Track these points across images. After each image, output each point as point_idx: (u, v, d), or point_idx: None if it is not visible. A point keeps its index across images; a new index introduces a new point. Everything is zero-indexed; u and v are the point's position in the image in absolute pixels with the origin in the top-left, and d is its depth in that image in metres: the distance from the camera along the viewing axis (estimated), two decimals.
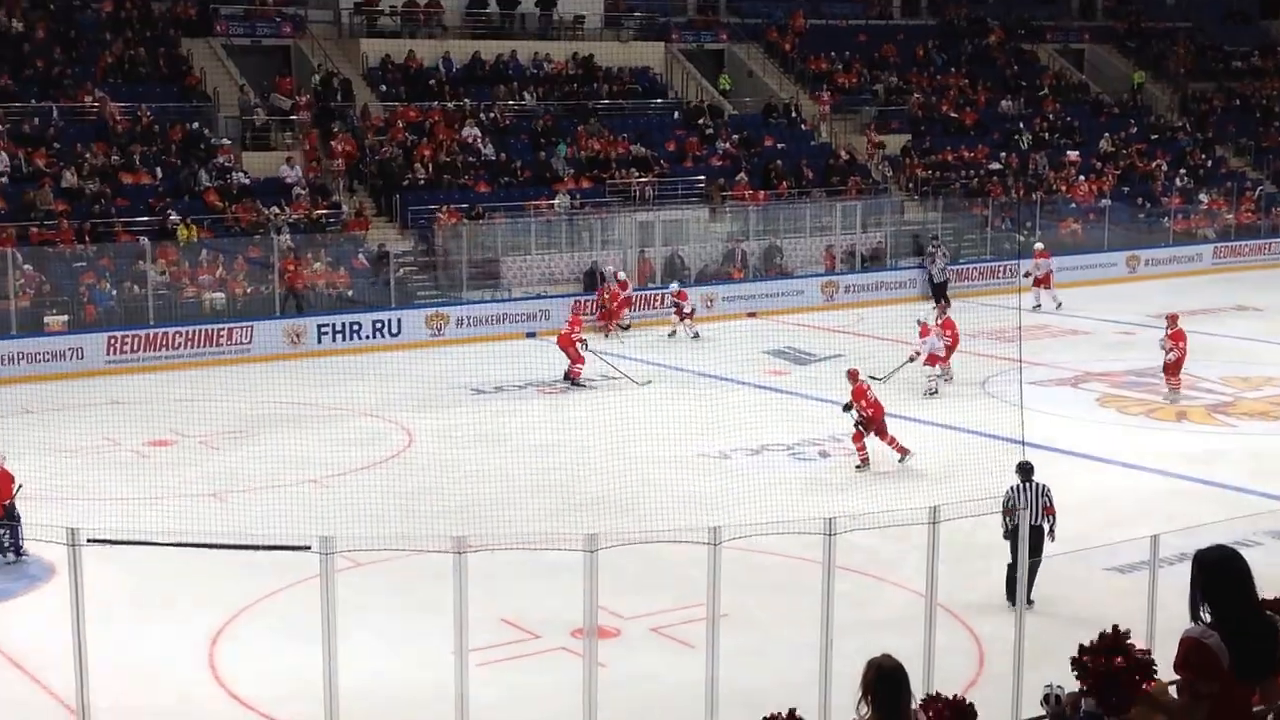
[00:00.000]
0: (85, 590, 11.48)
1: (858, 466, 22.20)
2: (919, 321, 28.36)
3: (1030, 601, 14.96)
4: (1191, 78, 56.70)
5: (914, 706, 7.24)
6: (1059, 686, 10.46)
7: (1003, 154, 47.50)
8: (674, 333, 33.91)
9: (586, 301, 35.01)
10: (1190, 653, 6.13)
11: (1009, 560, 15.81)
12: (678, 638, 15.24)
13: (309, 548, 11.54)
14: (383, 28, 43.57)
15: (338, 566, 11.72)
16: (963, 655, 14.94)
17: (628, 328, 34.44)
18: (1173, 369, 26.78)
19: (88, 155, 34.69)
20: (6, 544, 17.96)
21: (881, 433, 22.37)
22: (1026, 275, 36.56)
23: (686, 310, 33.98)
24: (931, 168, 45.64)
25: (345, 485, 21.24)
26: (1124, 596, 15.65)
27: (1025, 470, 16.73)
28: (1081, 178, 47.40)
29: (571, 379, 28.66)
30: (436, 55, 42.93)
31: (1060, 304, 36.80)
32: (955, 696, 7.37)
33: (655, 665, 14.87)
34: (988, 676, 14.36)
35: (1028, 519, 14.98)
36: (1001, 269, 40.71)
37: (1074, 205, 45.79)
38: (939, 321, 28.07)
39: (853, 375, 22.79)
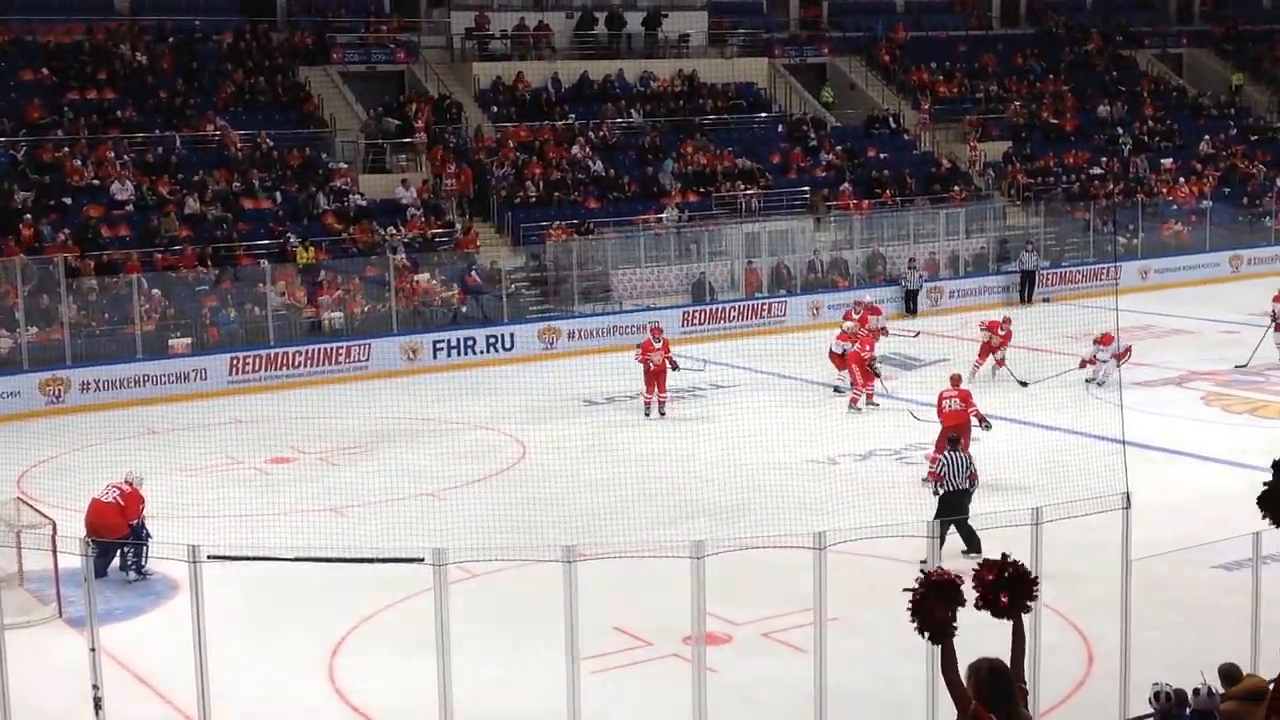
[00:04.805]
0: (207, 605, 11.62)
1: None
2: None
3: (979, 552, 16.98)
4: None
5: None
6: (1167, 684, 10.58)
7: (1103, 158, 47.38)
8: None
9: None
10: None
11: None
12: (788, 642, 15.37)
13: (422, 560, 11.73)
14: (493, 51, 44.27)
15: (452, 578, 11.86)
16: (1071, 655, 15.01)
17: None
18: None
19: (209, 182, 35.52)
20: (129, 563, 18.30)
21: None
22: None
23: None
24: (1033, 174, 45.64)
25: (461, 498, 21.48)
26: (1230, 593, 15.73)
27: (953, 443, 18.86)
28: (1182, 180, 47.10)
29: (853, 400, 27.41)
30: (546, 76, 43.59)
31: None
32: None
33: (766, 670, 15.02)
34: (1096, 675, 14.48)
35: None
36: (1103, 271, 40.63)
37: (1175, 207, 45.52)
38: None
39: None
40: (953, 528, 17.55)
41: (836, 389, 28.61)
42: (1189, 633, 15.62)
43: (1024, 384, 28.07)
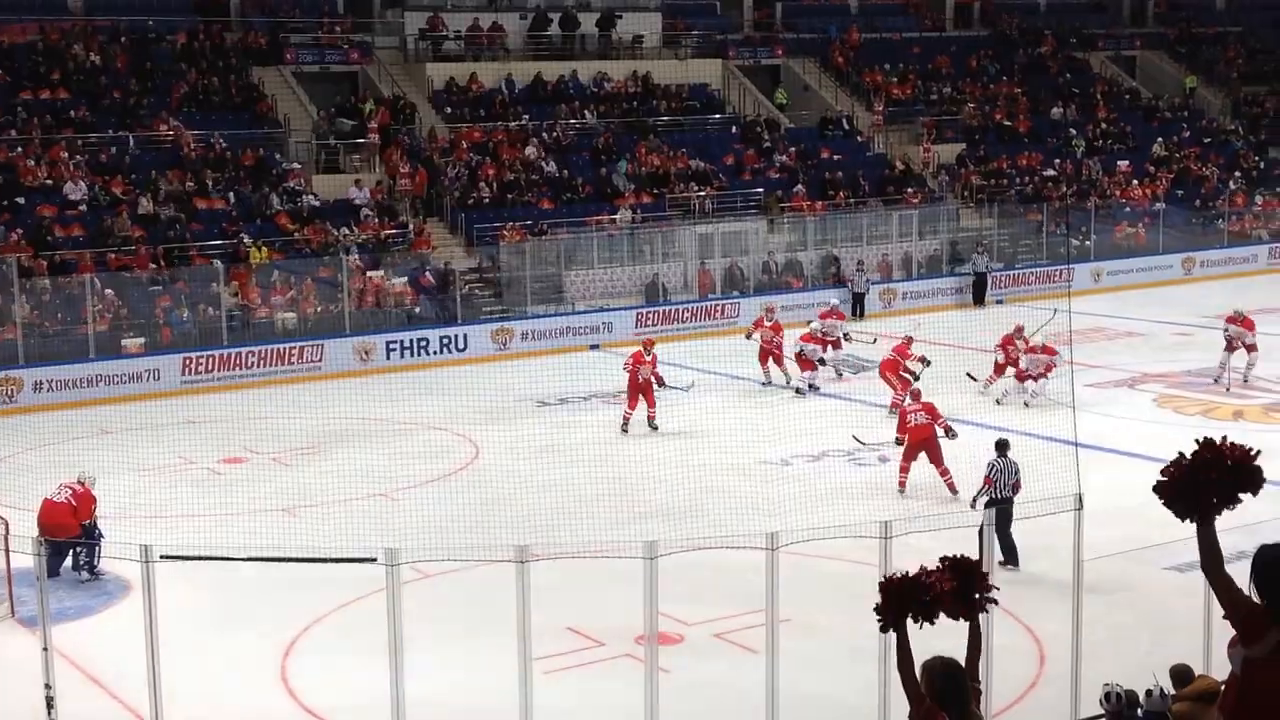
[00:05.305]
0: (160, 605, 11.59)
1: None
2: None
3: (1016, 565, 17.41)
4: (1243, 81, 56.79)
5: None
6: (1118, 685, 10.65)
7: (1057, 160, 47.67)
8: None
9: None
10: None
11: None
12: (740, 643, 15.40)
13: (375, 560, 11.74)
14: (447, 52, 44.19)
15: (405, 578, 11.85)
16: (1023, 655, 15.07)
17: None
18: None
19: (163, 182, 35.34)
20: (82, 563, 18.23)
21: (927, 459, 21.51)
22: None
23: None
24: (987, 176, 45.87)
25: (414, 498, 21.46)
26: (1183, 595, 15.85)
27: (1002, 446, 18.48)
28: (1135, 182, 47.44)
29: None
30: (499, 77, 43.55)
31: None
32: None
33: (718, 671, 15.04)
34: (1048, 676, 14.54)
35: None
36: (1056, 273, 40.84)
37: (1128, 209, 45.84)
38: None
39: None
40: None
41: (798, 390, 28.68)
42: (1141, 633, 15.75)
43: (971, 376, 28.02)
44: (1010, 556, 17.62)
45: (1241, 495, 6.10)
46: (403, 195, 38.29)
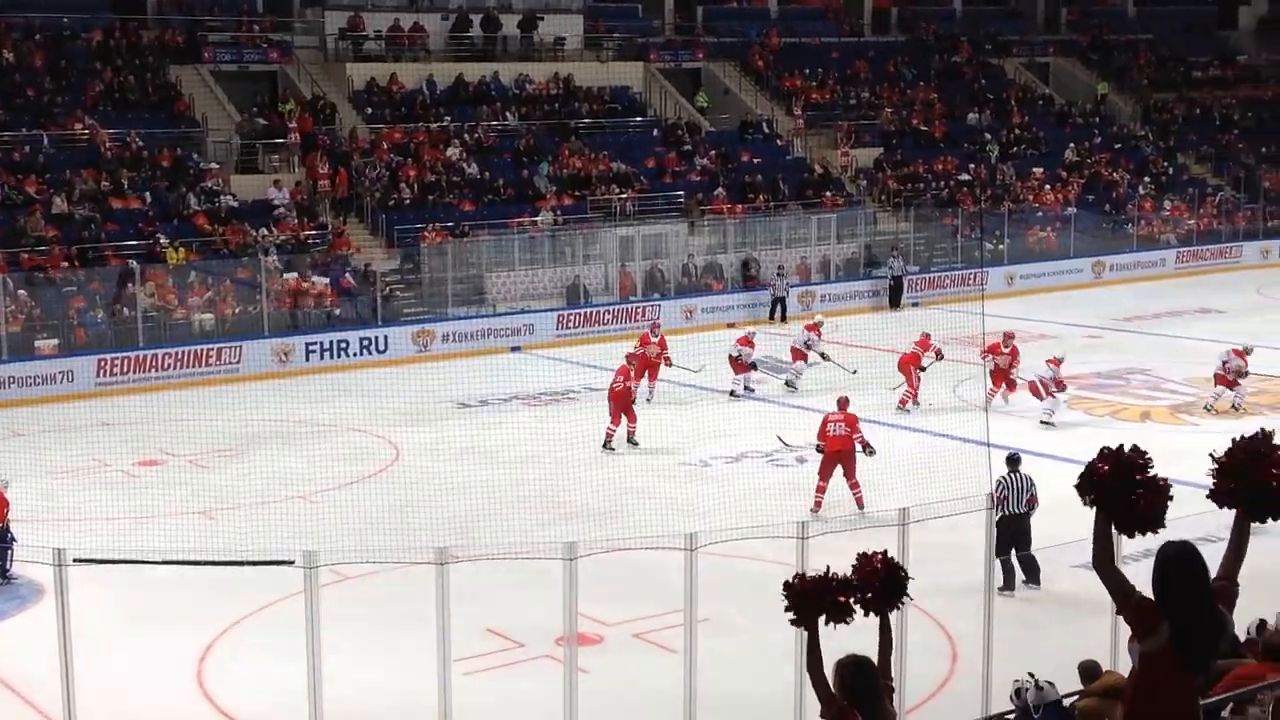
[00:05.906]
0: (74, 610, 11.51)
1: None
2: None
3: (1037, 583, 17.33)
4: (1153, 88, 57.77)
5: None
6: (1028, 681, 10.83)
7: (971, 165, 48.18)
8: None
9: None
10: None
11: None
12: (659, 643, 15.48)
13: (293, 563, 11.73)
14: (368, 52, 44.02)
15: (324, 581, 11.85)
16: (937, 654, 15.24)
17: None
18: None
19: (77, 182, 34.99)
20: None
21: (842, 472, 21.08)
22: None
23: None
24: (903, 180, 46.26)
25: (333, 500, 21.41)
26: (1092, 592, 16.07)
27: (1013, 461, 17.95)
28: (1047, 186, 48.05)
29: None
30: (420, 78, 43.42)
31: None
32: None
33: (637, 671, 15.11)
34: (961, 674, 14.69)
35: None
36: (971, 277, 41.31)
37: (1040, 213, 46.44)
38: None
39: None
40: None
41: (733, 393, 28.81)
42: (1051, 630, 15.97)
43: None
44: (1032, 576, 17.66)
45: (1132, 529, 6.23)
46: (323, 196, 38.11)
